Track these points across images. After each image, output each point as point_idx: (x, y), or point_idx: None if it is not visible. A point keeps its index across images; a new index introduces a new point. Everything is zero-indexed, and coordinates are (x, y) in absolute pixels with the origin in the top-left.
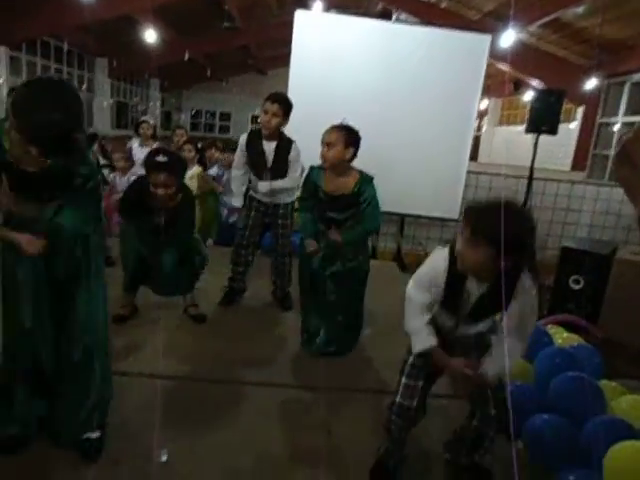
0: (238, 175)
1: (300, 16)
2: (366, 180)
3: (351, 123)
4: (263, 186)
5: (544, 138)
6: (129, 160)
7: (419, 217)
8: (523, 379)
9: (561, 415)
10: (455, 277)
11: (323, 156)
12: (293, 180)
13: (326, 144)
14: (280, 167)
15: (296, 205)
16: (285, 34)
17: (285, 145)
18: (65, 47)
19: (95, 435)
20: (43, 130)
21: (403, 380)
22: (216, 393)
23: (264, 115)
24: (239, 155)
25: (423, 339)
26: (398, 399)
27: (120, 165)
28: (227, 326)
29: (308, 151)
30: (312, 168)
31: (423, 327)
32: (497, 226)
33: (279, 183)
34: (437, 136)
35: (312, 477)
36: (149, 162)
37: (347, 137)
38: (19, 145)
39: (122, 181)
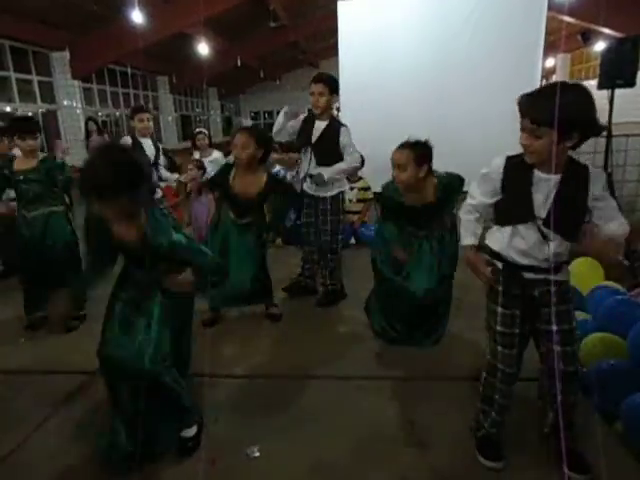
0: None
1: (343, 7)
2: (448, 185)
3: (413, 120)
4: (326, 172)
5: (621, 89)
6: (200, 168)
7: None
8: (616, 356)
9: None
10: (518, 169)
11: (396, 179)
12: (353, 159)
13: (397, 166)
14: (323, 147)
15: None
16: (333, 24)
17: (334, 127)
18: (129, 71)
19: (192, 433)
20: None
21: (499, 349)
22: (299, 389)
23: (311, 97)
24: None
25: (466, 234)
26: (500, 366)
27: (192, 174)
28: (303, 324)
29: (364, 137)
30: (386, 185)
31: (470, 222)
32: (555, 105)
33: (340, 166)
34: (499, 104)
35: (396, 470)
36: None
37: (417, 156)
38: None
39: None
